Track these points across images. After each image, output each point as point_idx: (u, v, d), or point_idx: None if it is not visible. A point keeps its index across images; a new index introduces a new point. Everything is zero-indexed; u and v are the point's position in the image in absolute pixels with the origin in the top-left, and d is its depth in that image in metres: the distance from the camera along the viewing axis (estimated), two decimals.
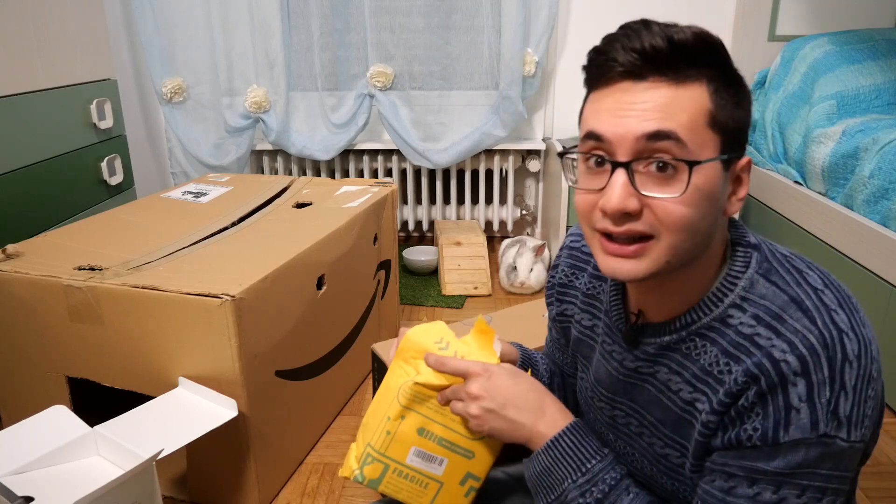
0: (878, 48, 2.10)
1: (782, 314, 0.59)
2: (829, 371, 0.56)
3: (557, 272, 0.86)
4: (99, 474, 0.99)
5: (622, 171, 0.58)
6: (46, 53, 1.67)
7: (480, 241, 2.41)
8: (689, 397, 0.65)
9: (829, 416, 0.56)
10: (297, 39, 2.48)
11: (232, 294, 1.12)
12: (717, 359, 0.62)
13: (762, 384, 0.57)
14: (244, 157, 2.58)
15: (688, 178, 0.56)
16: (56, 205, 1.72)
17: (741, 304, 0.62)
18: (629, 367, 0.72)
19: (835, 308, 0.58)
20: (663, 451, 0.70)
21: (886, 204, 1.61)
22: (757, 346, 0.59)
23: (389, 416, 0.77)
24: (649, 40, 0.56)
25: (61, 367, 1.29)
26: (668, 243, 0.59)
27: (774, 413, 0.57)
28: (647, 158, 0.57)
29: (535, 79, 2.44)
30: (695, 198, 0.57)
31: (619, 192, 0.57)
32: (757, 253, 0.64)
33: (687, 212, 0.57)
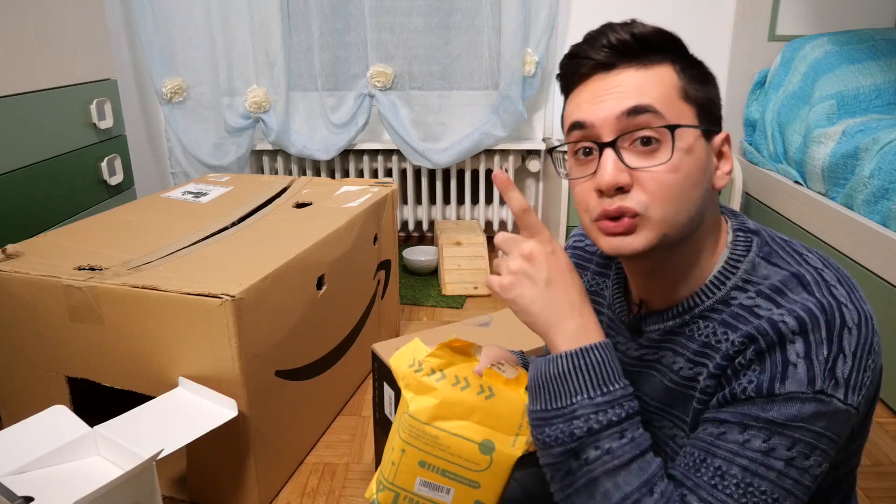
0: (878, 48, 2.10)
1: (783, 288, 0.60)
2: (828, 333, 0.57)
3: None
4: (99, 474, 0.99)
5: (610, 151, 0.61)
6: (46, 53, 1.67)
7: (480, 241, 2.41)
8: (691, 373, 0.66)
9: (826, 373, 0.56)
10: (297, 39, 2.48)
11: (232, 294, 1.12)
12: (715, 331, 0.64)
13: (760, 343, 0.58)
14: (244, 157, 2.58)
15: (672, 144, 0.60)
16: (56, 205, 1.72)
17: (744, 287, 0.63)
18: (633, 356, 0.73)
19: (834, 284, 0.60)
20: (671, 431, 0.70)
21: (886, 204, 1.61)
22: (756, 315, 0.60)
23: (394, 447, 0.77)
24: (615, 36, 0.62)
25: (61, 367, 1.29)
26: (660, 216, 0.61)
27: (771, 367, 0.57)
28: (631, 133, 0.61)
29: (535, 79, 2.44)
30: (681, 163, 0.60)
31: (610, 167, 0.60)
32: (757, 237, 0.65)
33: (676, 178, 0.60)
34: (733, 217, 0.68)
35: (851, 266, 1.70)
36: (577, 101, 0.64)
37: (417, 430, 0.74)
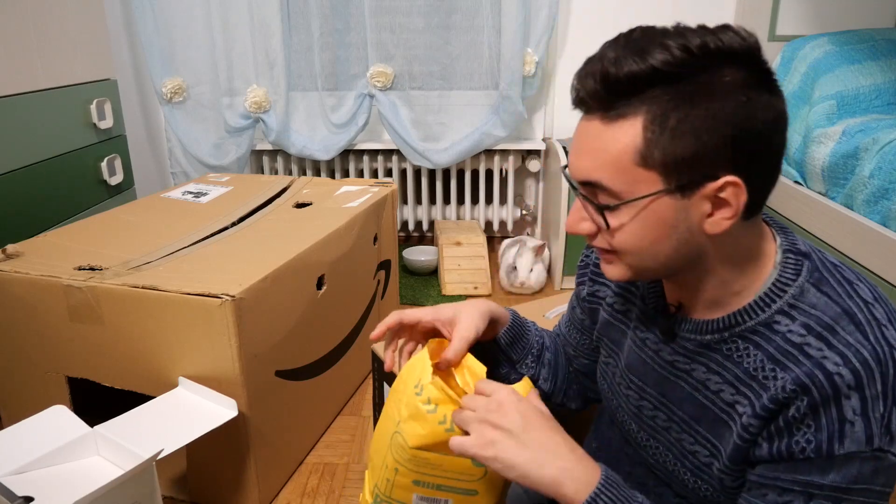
0: (878, 48, 2.10)
1: (835, 326, 0.59)
2: (883, 386, 0.56)
3: (592, 256, 0.85)
4: (99, 474, 0.99)
5: (578, 200, 0.64)
6: (46, 53, 1.67)
7: (480, 241, 2.41)
8: (731, 399, 0.64)
9: (883, 430, 0.56)
10: (297, 39, 2.48)
11: (232, 294, 1.12)
12: (763, 364, 0.62)
13: (814, 395, 0.57)
14: (244, 157, 2.58)
15: (603, 217, 0.61)
16: (56, 205, 1.72)
17: (790, 312, 0.61)
18: (665, 360, 0.71)
19: (885, 323, 0.58)
20: (692, 447, 0.69)
21: (886, 204, 1.61)
22: (807, 355, 0.59)
23: (387, 465, 0.76)
24: (584, 78, 0.60)
25: (61, 367, 1.29)
26: (627, 261, 0.64)
27: (828, 426, 0.56)
28: (587, 196, 0.63)
29: (535, 79, 2.44)
30: (623, 231, 0.61)
31: (572, 215, 0.65)
32: (808, 261, 0.63)
33: (623, 240, 0.62)
34: (783, 235, 0.66)
35: (851, 266, 1.69)
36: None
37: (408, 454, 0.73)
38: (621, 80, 0.57)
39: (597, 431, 0.91)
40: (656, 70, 0.55)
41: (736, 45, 0.57)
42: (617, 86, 0.57)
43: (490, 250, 2.54)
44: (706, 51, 0.56)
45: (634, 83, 0.56)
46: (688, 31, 0.58)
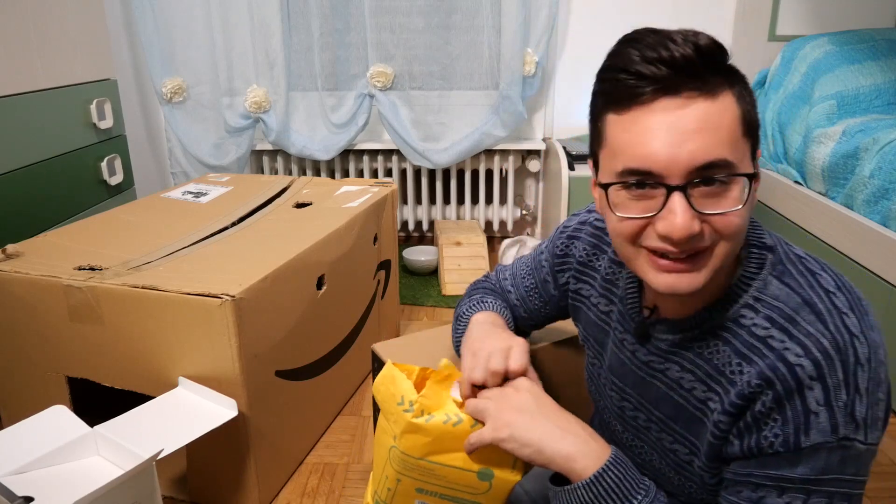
0: (878, 48, 2.10)
1: (795, 316, 0.59)
2: (844, 375, 0.56)
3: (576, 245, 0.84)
4: (99, 474, 0.99)
5: (679, 195, 0.56)
6: (46, 53, 1.67)
7: (480, 241, 2.41)
8: (703, 396, 0.65)
9: (846, 418, 0.56)
10: (297, 39, 2.48)
11: (232, 294, 1.12)
12: (731, 359, 0.62)
13: (778, 388, 0.57)
14: (244, 157, 2.58)
15: (749, 191, 0.57)
16: (56, 205, 1.72)
17: (754, 305, 0.62)
18: (642, 360, 0.72)
19: (846, 311, 0.59)
20: (672, 446, 0.70)
21: (886, 204, 1.61)
22: (770, 348, 0.59)
23: (388, 476, 0.76)
24: (678, 50, 0.54)
25: (61, 367, 1.29)
26: (724, 251, 0.59)
27: (794, 418, 0.57)
28: (700, 181, 0.56)
29: (535, 79, 2.44)
30: (748, 206, 0.58)
31: (682, 217, 0.55)
32: (771, 255, 0.64)
33: (742, 221, 0.58)
34: (751, 229, 0.66)
35: (851, 266, 1.70)
36: (636, 130, 0.57)
37: (411, 464, 0.73)
38: (714, 51, 0.56)
39: None
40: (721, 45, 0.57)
41: None
42: (711, 57, 0.55)
43: (490, 250, 2.54)
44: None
45: (718, 56, 0.56)
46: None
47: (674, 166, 0.55)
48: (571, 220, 0.87)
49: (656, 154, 0.55)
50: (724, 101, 0.56)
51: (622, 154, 0.58)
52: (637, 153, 0.56)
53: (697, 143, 0.55)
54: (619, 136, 0.58)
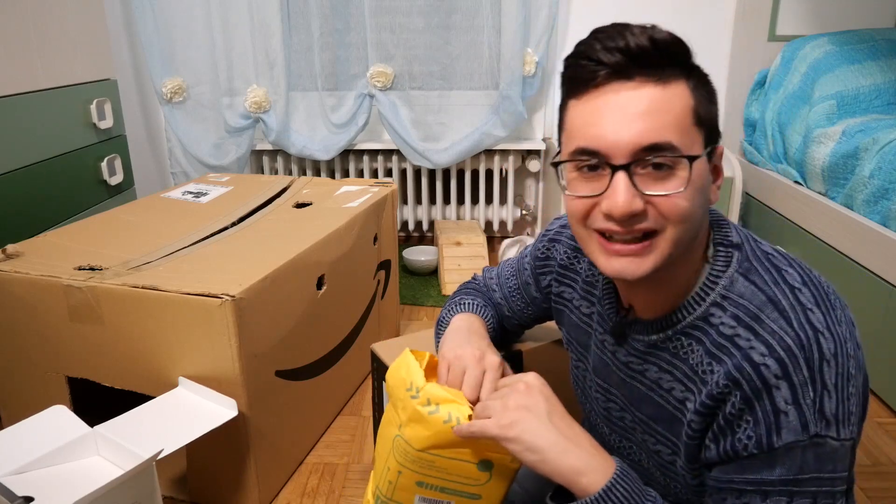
0: (878, 48, 2.10)
1: (759, 314, 0.59)
2: (809, 371, 0.56)
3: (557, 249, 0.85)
4: (99, 474, 0.99)
5: (623, 174, 0.58)
6: (46, 53, 1.67)
7: (480, 241, 2.41)
8: (681, 396, 0.65)
9: (816, 416, 0.56)
10: (297, 39, 2.48)
11: (232, 294, 1.12)
12: (703, 358, 0.63)
13: (745, 388, 0.58)
14: (244, 157, 2.58)
15: (689, 174, 0.58)
16: (56, 205, 1.72)
17: (721, 303, 0.62)
18: (622, 361, 0.72)
19: (811, 307, 0.59)
20: (655, 447, 0.70)
21: (886, 204, 1.61)
22: (737, 346, 0.59)
23: (389, 467, 0.76)
24: (633, 40, 0.57)
25: (61, 367, 1.29)
26: (673, 235, 0.60)
27: (764, 418, 0.57)
28: (644, 161, 0.58)
29: (535, 79, 2.44)
30: (692, 190, 0.59)
31: (623, 195, 0.57)
32: (738, 252, 0.64)
33: (688, 204, 0.59)
34: (717, 228, 0.67)
35: (851, 266, 1.70)
36: (586, 117, 0.60)
37: (413, 455, 0.72)
38: (670, 44, 0.58)
39: None
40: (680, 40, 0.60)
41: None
42: (667, 48, 0.58)
43: (490, 250, 2.54)
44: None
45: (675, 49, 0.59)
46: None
47: (619, 146, 0.57)
48: (554, 224, 0.88)
49: (603, 134, 0.58)
50: (676, 90, 0.58)
51: (575, 134, 0.61)
52: (587, 133, 0.59)
53: (644, 125, 0.57)
54: (575, 119, 0.61)
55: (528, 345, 1.07)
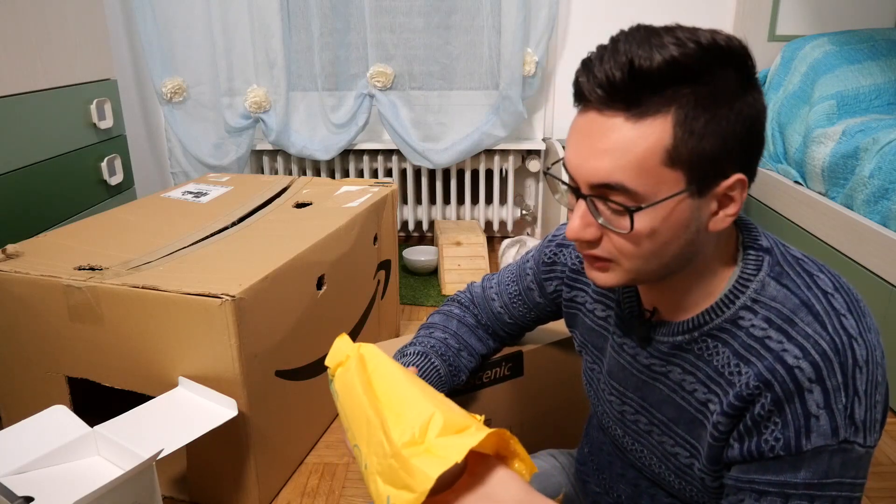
0: (878, 48, 2.10)
1: (793, 317, 0.59)
2: (843, 377, 0.56)
3: (565, 254, 0.84)
4: (99, 474, 0.99)
5: (581, 203, 0.60)
6: (46, 53, 1.67)
7: (480, 241, 2.41)
8: (704, 398, 0.65)
9: (847, 421, 0.56)
10: (297, 39, 2.48)
11: (232, 294, 1.12)
12: (729, 360, 0.62)
13: (777, 390, 0.57)
14: (244, 157, 2.58)
15: (630, 222, 0.57)
16: (56, 205, 1.72)
17: (752, 307, 0.62)
18: (643, 364, 0.72)
19: (844, 313, 0.59)
20: (673, 449, 0.70)
21: (886, 204, 1.61)
22: (768, 349, 0.59)
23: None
24: (608, 69, 0.54)
25: (61, 367, 1.29)
26: (628, 267, 0.61)
27: (794, 421, 0.57)
28: (600, 197, 0.58)
29: (535, 79, 2.44)
30: (644, 234, 0.58)
31: (576, 222, 0.60)
32: (769, 256, 0.64)
33: (637, 247, 0.59)
34: (746, 232, 0.66)
35: (851, 266, 1.70)
36: (572, 130, 0.60)
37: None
38: (653, 73, 0.53)
39: (587, 436, 0.91)
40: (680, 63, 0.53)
41: (735, 44, 0.56)
42: (648, 79, 0.54)
43: (490, 250, 2.54)
44: (715, 46, 0.55)
45: (664, 77, 0.54)
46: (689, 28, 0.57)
47: (579, 176, 0.59)
48: (560, 229, 0.87)
49: (571, 160, 0.59)
50: (650, 127, 0.54)
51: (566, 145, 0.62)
52: (566, 152, 0.61)
53: (600, 162, 0.56)
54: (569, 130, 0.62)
55: (527, 346, 1.07)
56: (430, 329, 0.95)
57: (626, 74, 0.54)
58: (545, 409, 1.14)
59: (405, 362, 0.88)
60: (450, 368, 0.90)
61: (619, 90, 0.54)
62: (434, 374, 0.88)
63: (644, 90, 0.54)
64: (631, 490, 0.80)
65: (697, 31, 0.55)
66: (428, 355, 0.89)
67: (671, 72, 0.53)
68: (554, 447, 1.04)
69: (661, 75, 0.53)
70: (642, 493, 0.78)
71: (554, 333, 1.11)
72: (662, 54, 0.53)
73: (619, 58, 0.54)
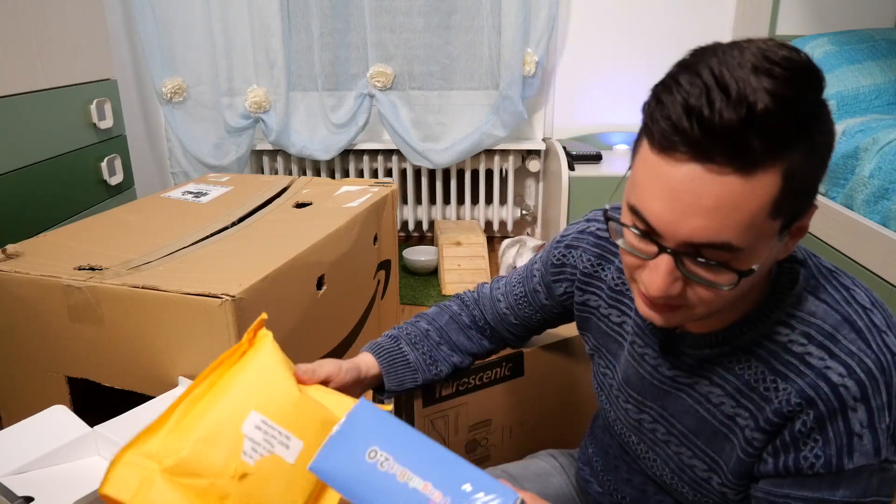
0: (878, 48, 2.10)
1: (836, 334, 0.57)
2: (888, 396, 0.55)
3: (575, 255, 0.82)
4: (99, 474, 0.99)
5: (668, 258, 0.53)
6: (46, 53, 1.67)
7: (480, 241, 2.41)
8: (731, 412, 0.63)
9: (889, 440, 0.55)
10: (297, 39, 2.48)
11: (232, 294, 1.12)
12: (764, 375, 0.61)
13: (820, 408, 0.56)
14: (244, 157, 2.58)
15: (737, 280, 0.52)
16: (56, 205, 1.72)
17: (788, 321, 0.60)
18: (665, 375, 0.70)
19: (885, 329, 0.58)
20: (690, 461, 0.69)
21: (886, 204, 1.61)
22: (809, 365, 0.58)
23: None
24: (722, 112, 0.46)
25: (61, 367, 1.29)
26: (701, 312, 0.58)
27: (836, 439, 0.56)
28: (695, 255, 0.52)
29: (535, 79, 2.44)
30: (741, 287, 0.54)
31: (661, 281, 0.54)
32: (804, 269, 0.62)
33: (731, 295, 0.55)
34: None
35: (851, 266, 1.70)
36: (654, 175, 0.51)
37: None
38: (771, 115, 0.46)
39: (592, 436, 0.90)
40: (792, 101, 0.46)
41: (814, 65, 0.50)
42: (765, 121, 0.46)
43: (490, 250, 2.54)
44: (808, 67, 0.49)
45: (787, 113, 0.46)
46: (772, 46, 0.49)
47: (672, 233, 0.52)
48: (569, 230, 0.85)
49: (660, 215, 0.52)
50: (761, 182, 0.48)
51: (637, 189, 0.54)
52: (646, 202, 0.53)
53: (704, 222, 0.50)
54: (641, 171, 0.53)
55: (528, 346, 1.07)
56: (417, 318, 0.95)
57: (742, 120, 0.46)
58: (545, 410, 1.14)
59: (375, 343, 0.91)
60: (423, 357, 0.90)
61: (731, 138, 0.47)
62: (400, 358, 0.89)
63: (758, 139, 0.47)
64: (637, 494, 0.79)
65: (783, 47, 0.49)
66: (398, 339, 0.90)
67: (788, 116, 0.47)
68: (554, 447, 1.04)
69: (778, 121, 0.47)
70: (649, 498, 0.77)
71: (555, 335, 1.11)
72: (773, 95, 0.46)
73: (730, 100, 0.46)
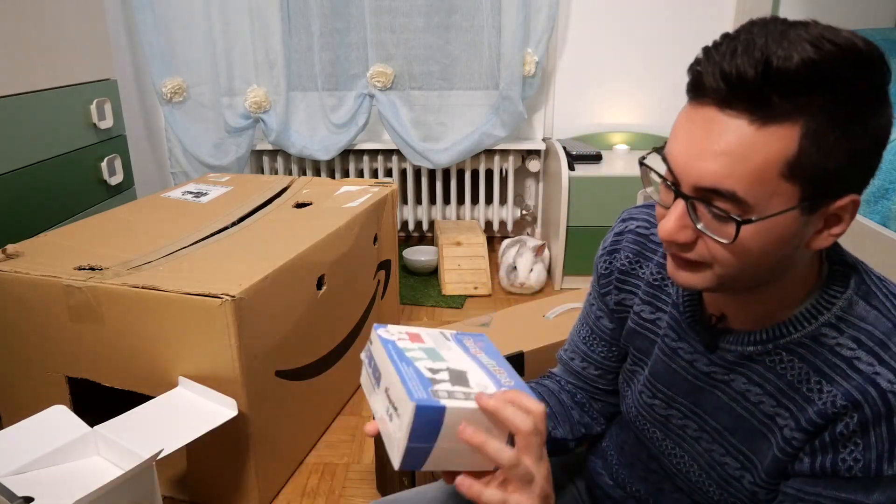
0: None
1: (887, 341, 0.58)
2: None
3: (617, 258, 0.80)
4: (99, 474, 0.99)
5: (682, 203, 0.55)
6: (46, 53, 1.67)
7: (480, 241, 2.41)
8: (771, 411, 0.63)
9: None
10: (297, 39, 2.48)
11: (232, 294, 1.12)
12: (808, 376, 0.60)
13: (866, 412, 0.56)
14: (244, 157, 2.58)
15: (735, 233, 0.53)
16: (56, 205, 1.72)
17: (837, 325, 0.60)
18: (701, 371, 0.69)
19: None
20: (722, 459, 0.68)
21: (886, 204, 1.61)
22: (856, 370, 0.58)
23: None
24: (740, 64, 0.49)
25: (61, 367, 1.29)
26: (720, 273, 0.57)
27: (877, 444, 0.56)
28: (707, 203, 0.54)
29: (535, 79, 2.44)
30: (746, 247, 0.54)
31: (672, 223, 0.56)
32: (855, 274, 0.61)
33: (733, 256, 0.55)
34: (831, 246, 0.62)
35: None
36: (681, 121, 0.55)
37: None
38: (790, 75, 0.48)
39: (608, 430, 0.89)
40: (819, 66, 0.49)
41: (874, 50, 0.51)
42: (783, 81, 0.49)
43: (490, 250, 2.54)
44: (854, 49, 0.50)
45: (802, 81, 0.49)
46: (826, 26, 0.52)
47: (685, 176, 0.54)
48: (607, 238, 0.82)
49: (677, 156, 0.55)
50: (775, 135, 0.50)
51: (669, 138, 0.57)
52: (670, 146, 0.56)
53: (713, 165, 0.52)
54: (676, 121, 0.56)
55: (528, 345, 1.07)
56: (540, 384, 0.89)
57: (760, 73, 0.49)
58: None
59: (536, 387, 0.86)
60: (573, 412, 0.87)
61: (749, 89, 0.49)
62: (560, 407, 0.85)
63: (776, 93, 0.49)
64: (653, 492, 0.79)
65: (836, 31, 0.51)
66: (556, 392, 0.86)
67: (809, 76, 0.49)
68: None
69: (799, 79, 0.49)
70: (665, 496, 0.77)
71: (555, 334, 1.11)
72: (801, 54, 0.48)
73: (753, 52, 0.49)
